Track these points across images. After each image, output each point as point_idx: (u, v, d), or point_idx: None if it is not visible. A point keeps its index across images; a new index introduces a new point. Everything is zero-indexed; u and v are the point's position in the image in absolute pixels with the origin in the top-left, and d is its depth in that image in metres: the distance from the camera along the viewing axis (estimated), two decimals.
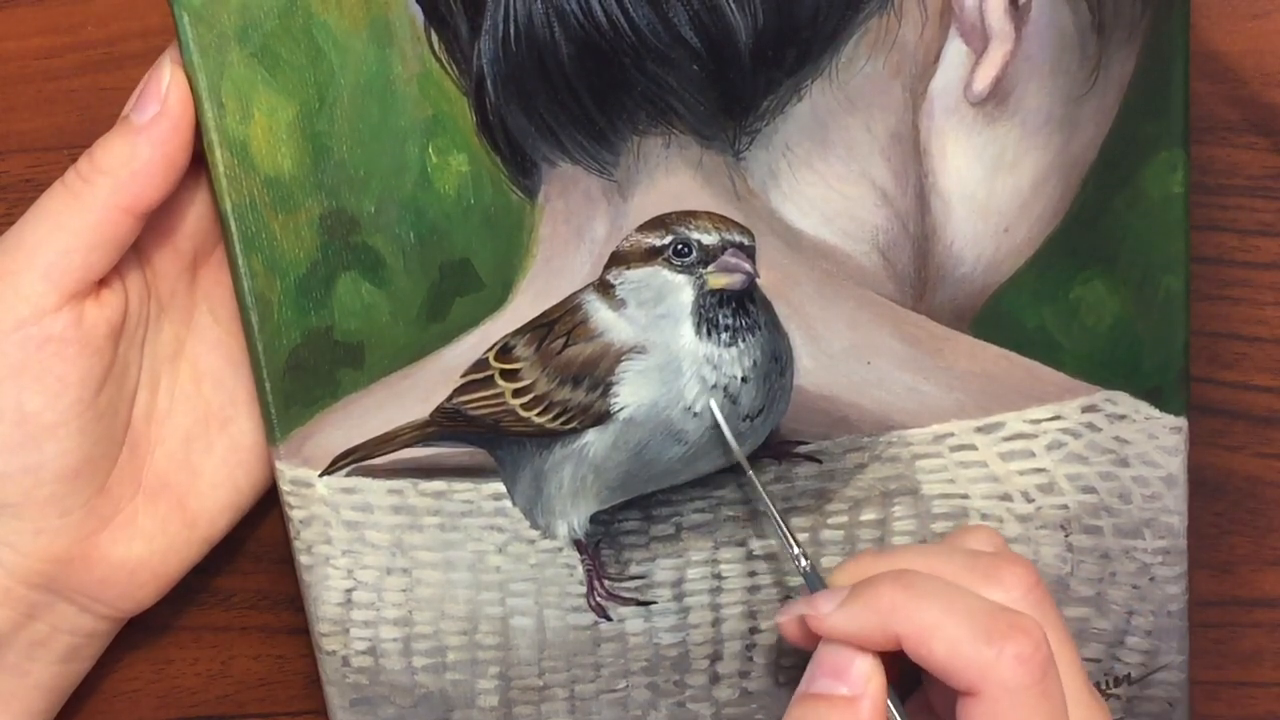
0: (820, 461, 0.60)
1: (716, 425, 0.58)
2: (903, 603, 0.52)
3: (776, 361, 0.58)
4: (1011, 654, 0.50)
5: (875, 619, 0.52)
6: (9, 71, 0.63)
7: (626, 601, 0.61)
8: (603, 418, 0.58)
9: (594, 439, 0.59)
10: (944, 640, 0.51)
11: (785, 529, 0.57)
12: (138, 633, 0.67)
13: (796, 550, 0.57)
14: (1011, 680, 0.50)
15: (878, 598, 0.52)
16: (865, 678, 0.53)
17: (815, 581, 0.56)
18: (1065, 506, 0.61)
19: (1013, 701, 0.50)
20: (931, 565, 0.54)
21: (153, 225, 0.58)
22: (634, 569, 0.62)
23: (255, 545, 0.67)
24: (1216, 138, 0.64)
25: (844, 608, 0.53)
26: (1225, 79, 0.63)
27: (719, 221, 0.57)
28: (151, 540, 0.61)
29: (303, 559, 0.61)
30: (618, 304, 0.58)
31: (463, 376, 0.59)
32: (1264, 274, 0.65)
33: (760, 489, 0.58)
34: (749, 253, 0.57)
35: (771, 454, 0.60)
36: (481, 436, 0.60)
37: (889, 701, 0.54)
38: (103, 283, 0.57)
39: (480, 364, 0.59)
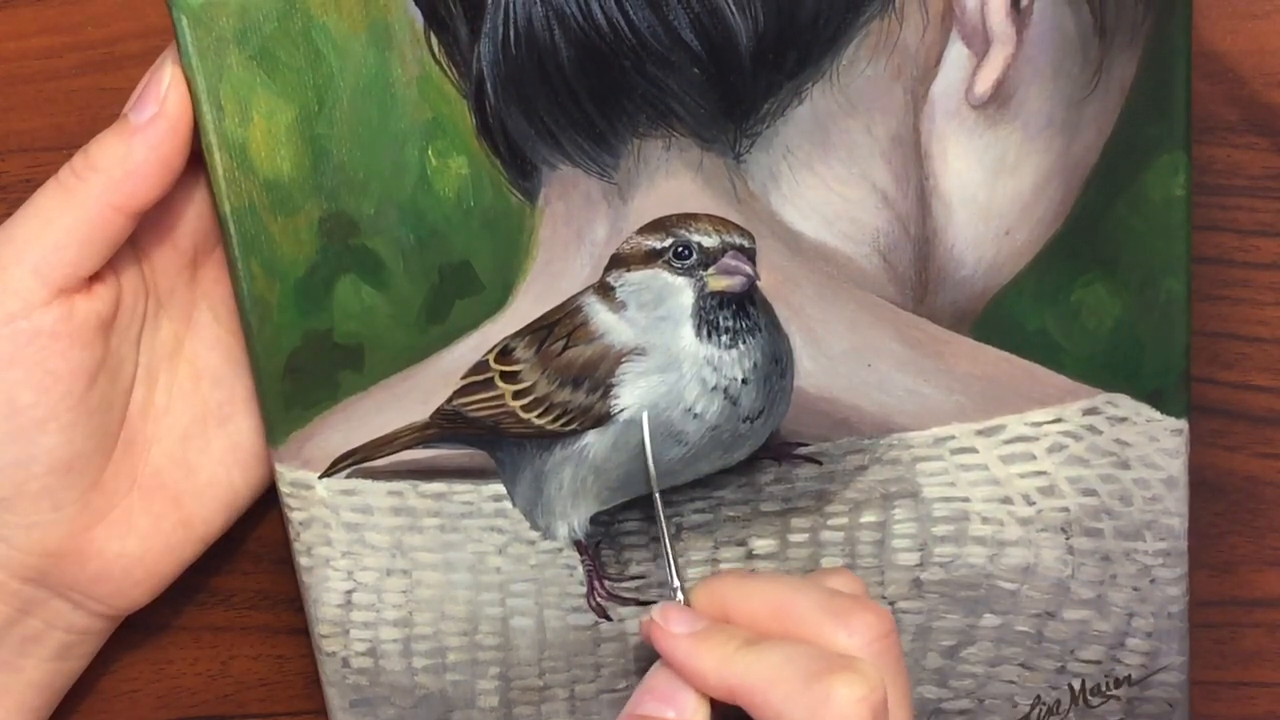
0: (820, 463, 0.60)
1: (716, 427, 0.58)
2: (744, 660, 0.52)
3: (777, 363, 0.58)
4: (843, 695, 0.50)
5: (715, 669, 0.53)
6: (9, 71, 0.63)
7: (627, 602, 0.61)
8: (603, 419, 0.58)
9: (594, 440, 0.59)
10: (780, 690, 0.51)
11: (671, 557, 0.57)
12: (137, 633, 0.67)
13: (677, 583, 0.57)
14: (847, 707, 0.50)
15: (724, 646, 0.53)
16: (694, 708, 0.53)
17: (671, 585, 0.57)
18: (1066, 509, 0.61)
19: None
20: (785, 598, 0.54)
21: (152, 222, 0.58)
22: (634, 569, 0.62)
23: (255, 545, 0.67)
24: (1216, 138, 0.64)
25: (695, 640, 0.54)
26: (1225, 79, 0.63)
27: (719, 224, 0.57)
28: (146, 537, 0.61)
29: (302, 560, 0.61)
30: (618, 306, 0.58)
31: (463, 378, 0.59)
32: (1264, 274, 0.65)
33: (659, 512, 0.58)
34: (749, 255, 0.57)
35: (772, 456, 0.60)
36: (481, 438, 0.60)
37: None
38: (95, 277, 0.57)
39: (480, 366, 0.59)
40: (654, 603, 0.61)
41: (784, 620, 0.54)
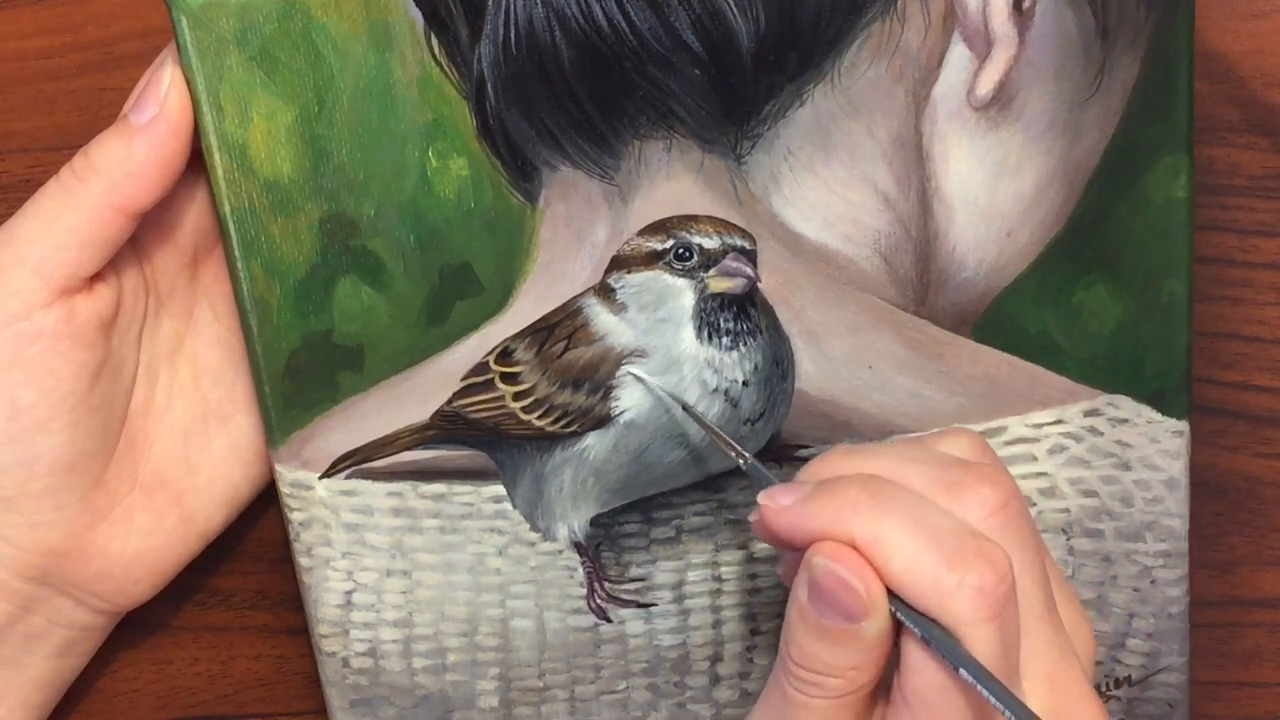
0: None
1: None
2: (866, 507, 0.48)
3: (778, 365, 0.58)
4: (972, 584, 0.47)
5: (833, 521, 0.49)
6: (9, 71, 0.63)
7: (626, 604, 0.61)
8: (603, 421, 0.58)
9: (594, 442, 0.59)
10: (903, 556, 0.48)
11: (724, 438, 0.56)
12: (138, 633, 0.67)
13: (739, 449, 0.55)
14: (968, 613, 0.47)
15: (841, 498, 0.49)
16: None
17: (764, 477, 0.53)
18: (1066, 510, 0.61)
19: (964, 634, 0.47)
20: (899, 470, 0.50)
21: (153, 221, 0.58)
22: (634, 571, 0.62)
23: (255, 545, 0.67)
24: (1216, 138, 0.63)
25: (803, 503, 0.49)
26: (1225, 79, 0.63)
27: (720, 226, 0.57)
28: (148, 535, 0.61)
29: (303, 561, 0.61)
30: (618, 308, 0.58)
31: (463, 380, 0.59)
32: (1264, 274, 0.65)
33: (695, 413, 0.57)
34: (750, 257, 0.57)
35: (773, 458, 0.60)
36: (482, 439, 0.60)
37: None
38: (96, 276, 0.57)
39: (480, 367, 0.59)
40: (654, 605, 0.61)
41: None
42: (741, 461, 0.55)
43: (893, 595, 0.48)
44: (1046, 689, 0.49)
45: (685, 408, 0.57)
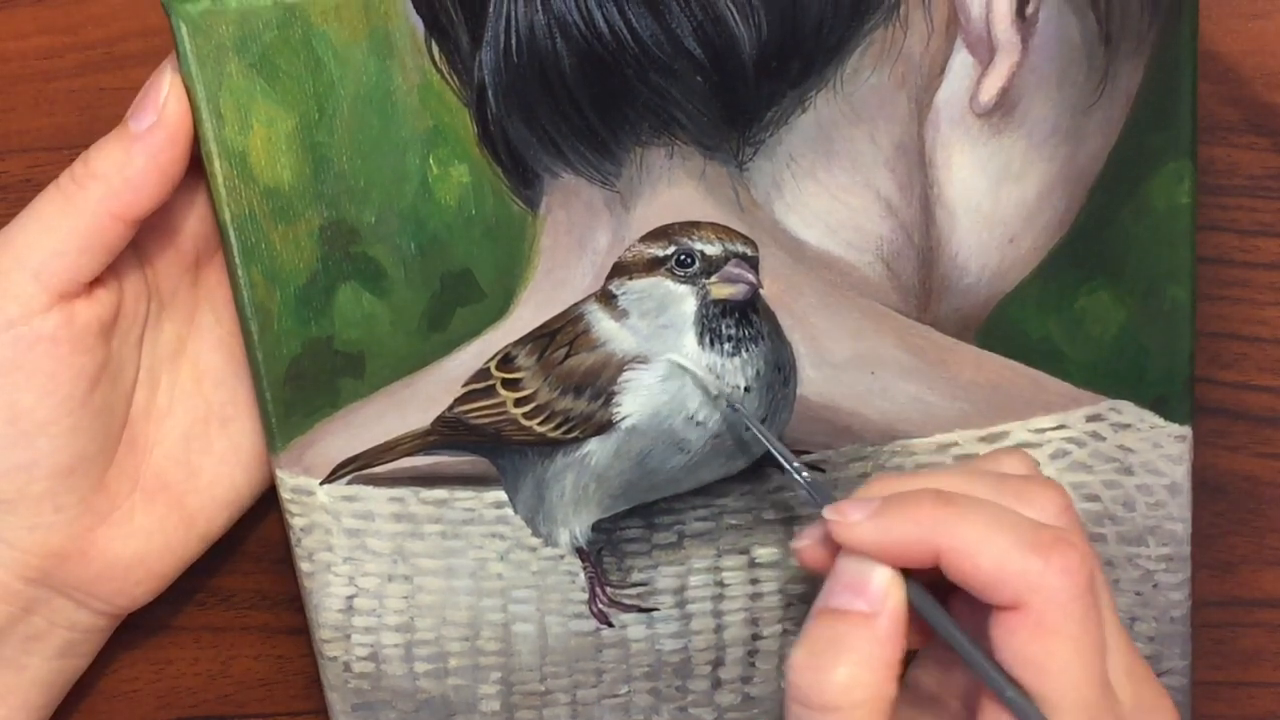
0: (824, 471, 0.60)
1: (718, 435, 0.58)
2: (945, 516, 0.49)
3: (779, 371, 0.58)
4: (1059, 565, 0.48)
5: (914, 531, 0.49)
6: (9, 71, 0.63)
7: (628, 609, 0.61)
8: (605, 427, 0.58)
9: (596, 448, 0.59)
10: (991, 554, 0.49)
11: (780, 449, 0.56)
12: (138, 633, 0.67)
13: (795, 464, 0.55)
14: (1060, 591, 0.48)
15: (917, 510, 0.50)
16: (884, 593, 0.50)
17: (823, 496, 0.53)
18: None
19: (1061, 613, 0.48)
20: (962, 484, 0.51)
21: (154, 225, 0.58)
22: (636, 576, 0.62)
23: (255, 546, 0.67)
24: (1216, 138, 0.63)
25: (877, 517, 0.50)
26: (1226, 79, 0.63)
27: (722, 232, 0.57)
28: (149, 537, 0.61)
29: (304, 566, 0.61)
30: (620, 314, 0.58)
31: (464, 386, 0.59)
32: (1264, 274, 0.65)
33: (749, 420, 0.57)
34: (752, 263, 0.57)
35: (775, 463, 0.60)
36: (483, 445, 0.60)
37: (922, 602, 0.51)
38: (96, 281, 0.57)
39: (482, 373, 0.59)
40: (655, 610, 0.61)
41: None
42: (799, 478, 0.55)
43: (916, 590, 0.50)
44: (1125, 682, 0.50)
45: (750, 423, 0.57)
